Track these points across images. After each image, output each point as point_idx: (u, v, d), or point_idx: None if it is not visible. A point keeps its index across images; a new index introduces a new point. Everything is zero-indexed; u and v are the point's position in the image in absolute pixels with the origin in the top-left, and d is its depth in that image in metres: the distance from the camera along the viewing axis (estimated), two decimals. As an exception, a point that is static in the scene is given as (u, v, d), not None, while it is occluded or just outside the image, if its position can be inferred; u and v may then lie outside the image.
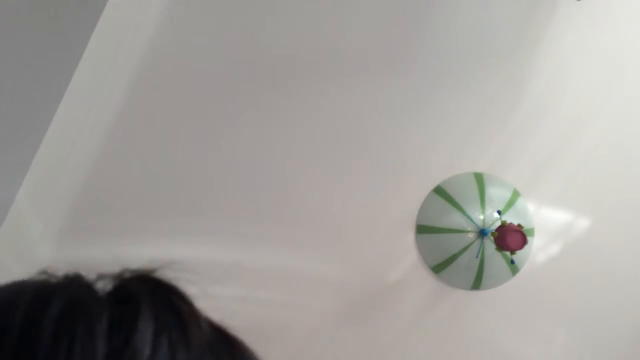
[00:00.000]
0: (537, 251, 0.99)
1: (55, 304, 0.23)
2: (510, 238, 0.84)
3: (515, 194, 0.97)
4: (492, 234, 0.89)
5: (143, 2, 0.95)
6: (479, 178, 0.97)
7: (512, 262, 0.92)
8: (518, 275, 0.97)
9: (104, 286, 0.26)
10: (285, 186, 0.97)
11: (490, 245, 0.91)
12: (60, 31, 0.87)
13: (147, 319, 0.23)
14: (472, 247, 0.92)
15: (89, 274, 0.27)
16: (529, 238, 0.93)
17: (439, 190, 0.97)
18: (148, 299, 0.24)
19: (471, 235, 0.92)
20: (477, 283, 0.95)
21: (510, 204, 0.95)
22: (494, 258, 0.93)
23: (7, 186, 0.89)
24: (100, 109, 0.94)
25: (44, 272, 0.27)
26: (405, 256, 0.98)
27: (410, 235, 0.98)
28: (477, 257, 0.92)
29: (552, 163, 1.00)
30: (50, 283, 0.25)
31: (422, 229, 0.97)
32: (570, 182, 1.00)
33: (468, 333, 0.99)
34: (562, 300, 1.00)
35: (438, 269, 0.96)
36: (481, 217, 0.93)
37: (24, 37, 0.80)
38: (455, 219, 0.94)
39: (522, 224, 0.88)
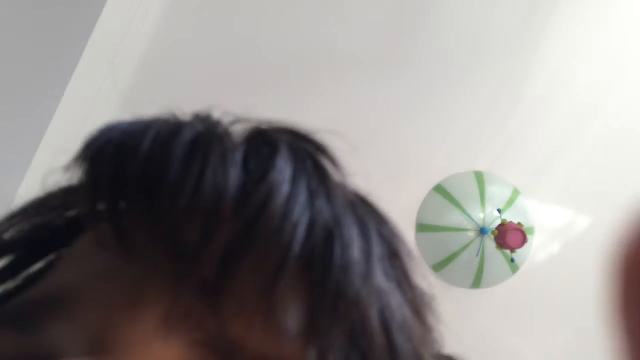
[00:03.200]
0: (537, 250, 0.99)
1: (187, 132, 0.21)
2: (510, 237, 0.84)
3: (516, 193, 0.97)
4: (492, 232, 0.89)
5: (143, 2, 0.95)
6: (479, 177, 0.97)
7: (513, 260, 0.92)
8: (518, 273, 0.97)
9: (238, 130, 0.24)
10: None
11: (490, 243, 0.91)
12: (60, 31, 0.87)
13: (287, 161, 0.21)
14: (472, 245, 0.92)
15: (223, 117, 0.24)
16: (529, 237, 0.93)
17: (439, 189, 0.97)
18: (287, 143, 0.22)
19: (471, 234, 0.92)
20: (477, 282, 0.95)
21: (510, 202, 0.95)
22: (494, 257, 0.93)
23: (7, 186, 0.89)
24: (100, 109, 0.94)
25: (172, 113, 0.24)
26: (406, 255, 0.98)
27: (410, 234, 0.98)
28: (477, 255, 0.92)
29: (552, 162, 1.00)
30: (180, 119, 0.23)
31: (422, 228, 0.97)
32: (571, 181, 1.00)
33: (468, 331, 0.99)
34: (562, 299, 1.00)
35: (438, 267, 0.96)
36: (481, 215, 0.93)
37: (23, 37, 0.80)
38: (455, 218, 0.94)
39: (523, 222, 0.88)
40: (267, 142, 0.22)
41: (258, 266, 0.19)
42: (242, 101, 1.02)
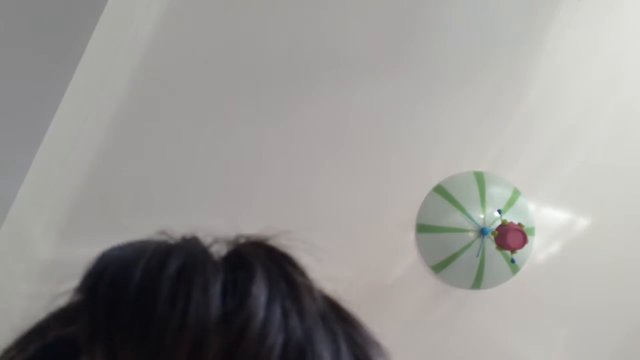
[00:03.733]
0: (538, 250, 0.99)
1: (172, 265, 0.24)
2: (510, 237, 0.84)
3: (516, 193, 0.97)
4: (493, 233, 0.89)
5: (143, 2, 0.95)
6: (480, 177, 0.97)
7: (513, 261, 0.91)
8: (518, 274, 0.97)
9: (218, 250, 0.27)
10: (285, 186, 0.97)
11: (490, 244, 0.91)
12: (60, 31, 0.87)
13: (261, 285, 0.24)
14: (473, 246, 0.92)
15: (205, 238, 0.27)
16: (529, 237, 0.93)
17: (440, 189, 0.97)
18: (262, 265, 0.25)
19: (471, 234, 0.92)
20: (477, 282, 0.95)
21: (510, 203, 0.95)
22: (495, 257, 0.93)
23: (7, 186, 0.89)
24: (100, 109, 0.94)
25: (162, 232, 0.28)
26: (406, 255, 0.98)
27: (410, 234, 0.98)
28: (477, 256, 0.92)
29: (552, 162, 1.00)
30: (168, 243, 0.26)
31: (422, 228, 0.97)
32: (571, 181, 1.00)
33: (468, 332, 0.99)
34: (562, 299, 1.00)
35: (438, 268, 0.96)
36: (481, 216, 0.93)
37: (24, 37, 0.80)
38: (455, 218, 0.94)
39: (523, 223, 0.88)
40: (243, 265, 0.25)
41: None
42: (242, 102, 1.01)
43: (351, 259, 0.97)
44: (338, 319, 0.26)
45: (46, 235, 0.92)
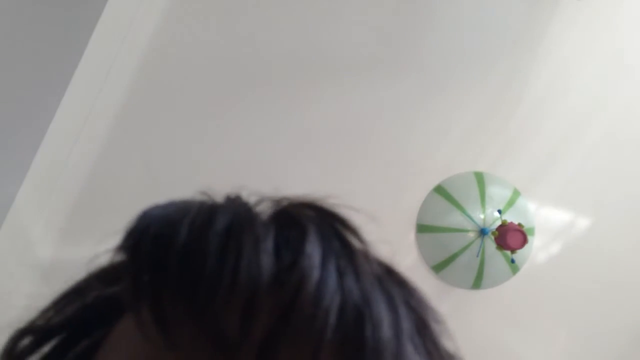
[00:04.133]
0: (538, 250, 0.99)
1: (219, 221, 0.22)
2: (510, 237, 0.84)
3: (516, 193, 0.97)
4: (493, 233, 0.89)
5: (143, 2, 0.95)
6: (480, 177, 0.97)
7: (513, 261, 0.92)
8: (518, 274, 0.97)
9: (264, 210, 0.25)
10: (286, 186, 0.97)
11: (490, 244, 0.91)
12: (61, 31, 0.87)
13: (315, 244, 0.22)
14: (473, 246, 0.92)
15: (249, 197, 0.25)
16: (529, 237, 0.93)
17: (440, 190, 0.97)
18: (314, 224, 0.23)
19: (471, 235, 0.92)
20: (477, 282, 0.95)
21: (510, 203, 0.95)
22: (495, 257, 0.93)
23: (7, 186, 0.89)
24: (100, 109, 0.94)
25: (204, 192, 0.26)
26: (406, 255, 0.98)
27: (410, 235, 0.98)
28: (477, 256, 0.92)
29: (552, 162, 1.00)
30: (212, 202, 0.25)
31: (422, 228, 0.97)
32: (571, 182, 1.00)
33: (468, 332, 0.99)
34: (562, 299, 1.00)
35: (438, 268, 0.96)
36: (481, 216, 0.93)
37: (24, 37, 0.80)
38: (455, 218, 0.94)
39: (523, 223, 0.88)
40: (294, 224, 0.23)
41: (295, 354, 0.20)
42: (243, 101, 1.02)
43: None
44: (394, 282, 0.25)
45: (46, 235, 0.92)
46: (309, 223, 0.23)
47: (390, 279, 0.25)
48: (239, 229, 0.22)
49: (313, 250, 0.22)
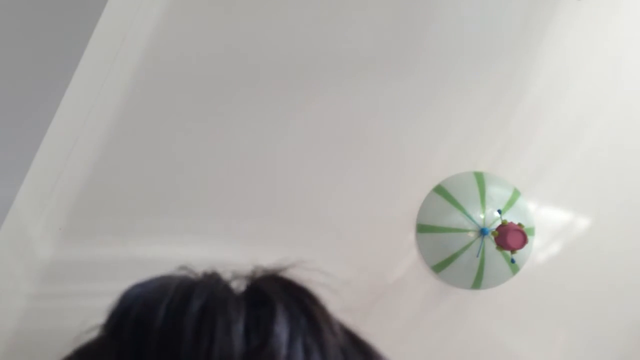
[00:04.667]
0: (538, 250, 0.99)
1: (194, 303, 0.24)
2: (510, 237, 0.84)
3: (516, 193, 0.97)
4: (493, 233, 0.89)
5: (143, 2, 0.95)
6: (480, 177, 0.97)
7: (513, 261, 0.92)
8: (518, 274, 0.97)
9: (238, 285, 0.27)
10: (285, 186, 0.97)
11: (490, 244, 0.91)
12: (60, 31, 0.87)
13: (282, 323, 0.24)
14: (473, 246, 0.92)
15: (224, 273, 0.28)
16: (529, 237, 0.93)
17: (440, 190, 0.97)
18: (282, 302, 0.25)
19: (471, 235, 0.92)
20: (477, 282, 0.95)
21: (510, 203, 0.95)
22: (495, 257, 0.93)
23: (7, 186, 0.89)
24: (100, 108, 0.94)
25: (183, 267, 0.28)
26: (406, 255, 0.98)
27: (410, 235, 0.98)
28: (477, 256, 0.92)
29: (552, 162, 1.00)
30: (190, 280, 0.27)
31: (422, 228, 0.97)
32: (571, 182, 1.00)
33: (468, 332, 0.99)
34: (563, 299, 1.00)
35: (438, 268, 0.96)
36: (481, 216, 0.93)
37: (23, 37, 0.80)
38: (455, 218, 0.94)
39: (523, 223, 0.88)
40: (264, 301, 0.25)
41: None
42: (242, 101, 1.02)
43: (351, 260, 0.97)
44: (358, 352, 0.27)
45: (46, 235, 0.92)
46: (278, 301, 0.25)
47: (356, 349, 0.27)
48: (213, 311, 0.24)
49: (281, 331, 0.24)
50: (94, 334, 0.27)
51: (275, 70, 0.97)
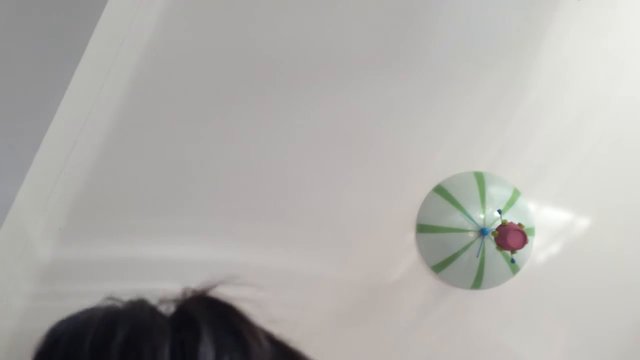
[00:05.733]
0: (538, 250, 0.99)
1: (119, 333, 0.24)
2: (510, 237, 0.84)
3: (516, 193, 0.97)
4: (493, 233, 0.89)
5: (143, 2, 0.95)
6: (480, 177, 0.97)
7: (513, 261, 0.91)
8: (518, 274, 0.97)
9: (167, 308, 0.27)
10: (285, 186, 0.97)
11: (490, 244, 0.91)
12: (60, 31, 0.87)
13: (208, 344, 0.24)
14: (473, 246, 0.92)
15: (151, 299, 0.28)
16: (529, 237, 0.93)
17: (439, 190, 0.97)
18: (207, 322, 0.25)
19: (471, 235, 0.92)
20: (477, 282, 0.95)
21: (510, 203, 0.95)
22: (495, 257, 0.93)
23: (7, 186, 0.89)
24: (100, 109, 0.94)
25: (110, 297, 0.28)
26: (406, 255, 0.98)
27: (410, 235, 0.98)
28: (477, 256, 0.92)
29: (552, 162, 1.00)
30: (115, 311, 0.27)
31: (422, 228, 0.97)
32: (571, 182, 1.00)
33: (468, 332, 0.99)
34: (563, 299, 1.00)
35: (438, 268, 0.96)
36: (481, 216, 0.93)
37: (23, 37, 0.80)
38: (455, 218, 0.94)
39: (523, 223, 0.88)
40: (189, 324, 0.25)
41: None
42: (242, 101, 1.02)
43: (351, 260, 0.97)
44: None
45: (46, 235, 0.92)
46: (203, 322, 0.25)
47: (283, 358, 0.27)
48: (138, 340, 0.24)
49: (207, 351, 0.24)
50: None
51: (275, 70, 0.97)
